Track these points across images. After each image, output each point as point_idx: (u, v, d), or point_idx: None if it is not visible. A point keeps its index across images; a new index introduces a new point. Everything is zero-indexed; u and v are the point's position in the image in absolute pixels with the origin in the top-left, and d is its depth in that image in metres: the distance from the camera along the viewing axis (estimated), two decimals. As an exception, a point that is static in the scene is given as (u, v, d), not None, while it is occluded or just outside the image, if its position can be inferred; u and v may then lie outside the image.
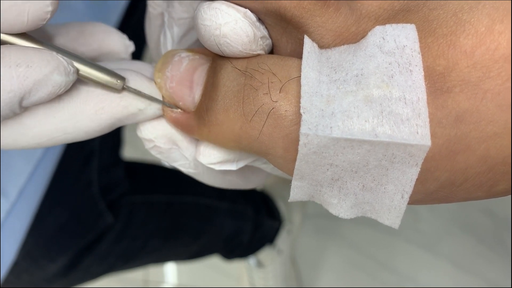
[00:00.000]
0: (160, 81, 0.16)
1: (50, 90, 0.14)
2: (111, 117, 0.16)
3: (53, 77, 0.14)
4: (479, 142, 0.12)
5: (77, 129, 0.16)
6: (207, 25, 0.14)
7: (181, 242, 0.58)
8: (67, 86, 0.14)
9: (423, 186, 0.14)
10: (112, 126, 0.16)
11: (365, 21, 0.14)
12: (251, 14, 0.14)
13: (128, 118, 0.16)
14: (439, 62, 0.12)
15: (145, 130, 0.17)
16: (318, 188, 0.14)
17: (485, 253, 0.81)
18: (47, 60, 0.14)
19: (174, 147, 0.18)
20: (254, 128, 0.14)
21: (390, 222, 0.14)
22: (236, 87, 0.15)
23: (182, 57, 0.16)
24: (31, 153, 0.40)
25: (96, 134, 0.16)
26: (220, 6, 0.14)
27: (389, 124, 0.12)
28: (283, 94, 0.14)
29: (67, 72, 0.14)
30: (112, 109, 0.16)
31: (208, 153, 0.16)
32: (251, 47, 0.15)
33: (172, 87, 0.16)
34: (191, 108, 0.16)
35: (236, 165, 0.17)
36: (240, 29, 0.14)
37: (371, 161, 0.13)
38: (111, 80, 0.15)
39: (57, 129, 0.15)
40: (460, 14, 0.12)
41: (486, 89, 0.12)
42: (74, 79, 0.15)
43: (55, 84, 0.14)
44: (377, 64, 0.13)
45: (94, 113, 0.16)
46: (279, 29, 0.15)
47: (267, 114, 0.14)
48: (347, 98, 0.13)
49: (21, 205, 0.40)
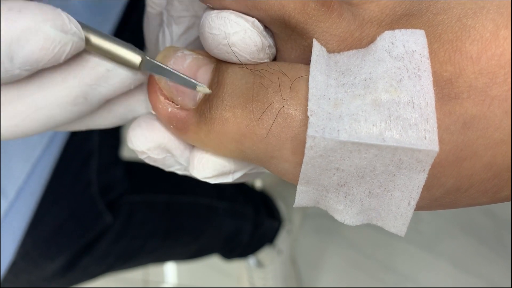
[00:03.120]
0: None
1: (42, 43, 0.13)
2: (80, 82, 0.15)
3: (45, 29, 0.13)
4: (486, 149, 0.12)
5: (48, 102, 0.15)
6: (215, 34, 0.14)
7: (180, 242, 0.58)
8: (65, 46, 0.13)
9: (429, 193, 0.13)
10: (85, 96, 0.15)
11: (368, 26, 0.14)
12: (258, 23, 0.14)
13: (99, 82, 0.15)
14: (446, 68, 0.12)
15: (136, 141, 0.16)
16: (324, 193, 0.14)
17: (486, 254, 0.81)
18: (43, 10, 0.13)
19: (168, 155, 0.17)
20: (262, 127, 0.14)
21: (396, 229, 0.14)
22: (244, 85, 0.15)
23: (185, 54, 0.16)
24: (29, 152, 0.40)
25: (71, 109, 0.15)
26: (229, 15, 0.14)
27: (397, 129, 0.12)
28: (293, 93, 0.14)
29: (65, 29, 0.13)
30: (78, 72, 0.15)
31: (202, 167, 0.16)
32: (258, 55, 0.15)
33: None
34: (191, 105, 0.15)
35: (232, 177, 0.17)
36: (249, 38, 0.14)
37: (378, 166, 0.13)
38: (130, 54, 0.14)
39: (29, 104, 0.14)
40: (465, 19, 0.12)
41: (493, 95, 0.12)
42: (77, 42, 0.13)
43: (47, 37, 0.13)
44: (386, 68, 0.13)
45: (61, 80, 0.15)
46: (284, 36, 0.15)
47: (276, 113, 0.14)
48: (355, 101, 0.13)
49: (19, 204, 0.40)
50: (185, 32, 0.18)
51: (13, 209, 0.39)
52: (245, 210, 0.65)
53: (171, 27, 0.18)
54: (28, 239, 0.42)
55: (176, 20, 0.18)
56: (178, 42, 0.18)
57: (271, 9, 0.14)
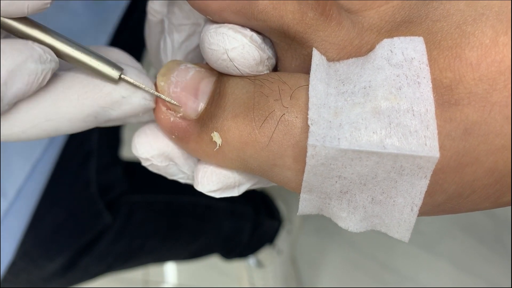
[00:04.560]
0: (163, 84, 0.16)
1: (27, 79, 0.14)
2: (93, 103, 0.15)
3: (27, 66, 0.13)
4: (487, 155, 0.12)
5: (59, 116, 0.15)
6: (214, 49, 0.14)
7: (180, 242, 0.58)
8: (46, 74, 0.14)
9: (431, 199, 0.13)
10: (96, 116, 0.16)
11: (368, 33, 0.14)
12: (256, 37, 0.15)
13: (112, 106, 0.16)
14: (446, 74, 0.12)
15: (141, 148, 0.17)
16: (327, 201, 0.14)
17: (485, 254, 0.81)
18: (19, 50, 0.13)
19: (171, 163, 0.17)
20: (264, 134, 0.14)
21: (400, 235, 0.14)
22: (245, 95, 0.15)
23: (188, 67, 0.16)
24: (29, 152, 0.40)
25: (80, 124, 0.16)
26: (227, 31, 0.14)
27: (397, 136, 0.12)
28: (294, 101, 0.14)
29: (43, 60, 0.14)
30: (94, 94, 0.15)
31: (206, 182, 0.16)
32: (257, 68, 0.15)
33: (176, 92, 0.15)
34: (193, 116, 0.15)
35: (238, 190, 0.17)
36: (248, 53, 0.14)
37: (380, 173, 0.13)
38: (108, 69, 0.15)
39: (39, 114, 0.15)
40: (464, 26, 0.12)
41: (493, 102, 0.12)
42: (54, 67, 0.14)
43: (30, 73, 0.14)
44: (385, 76, 0.13)
45: (76, 99, 0.15)
46: (284, 45, 0.15)
47: (277, 120, 0.14)
48: (355, 109, 0.13)
49: (19, 204, 0.40)
50: (186, 40, 0.18)
51: (13, 209, 0.39)
52: (245, 210, 0.65)
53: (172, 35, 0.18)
54: (27, 239, 0.42)
55: (177, 28, 0.18)
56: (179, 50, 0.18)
57: (270, 20, 0.14)
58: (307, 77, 0.14)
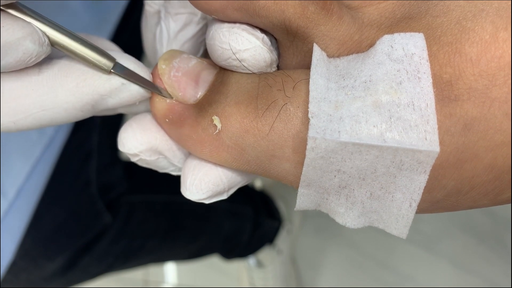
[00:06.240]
0: (165, 68, 0.16)
1: (20, 56, 0.13)
2: (93, 91, 0.15)
3: (25, 43, 0.13)
4: (486, 151, 0.12)
5: (56, 105, 0.15)
6: (225, 48, 0.15)
7: (180, 242, 0.58)
8: (38, 57, 0.14)
9: (430, 195, 0.13)
10: (94, 104, 0.15)
11: (368, 29, 0.14)
12: (267, 39, 0.15)
13: (111, 94, 0.15)
14: (445, 70, 0.12)
15: (127, 143, 0.16)
16: (325, 196, 0.14)
17: (485, 253, 0.81)
18: (21, 26, 0.13)
19: (161, 157, 0.17)
20: (265, 123, 0.14)
21: (398, 232, 0.14)
22: (250, 84, 0.15)
23: (190, 57, 0.16)
24: (29, 152, 0.40)
25: (76, 114, 0.15)
26: (241, 32, 0.14)
27: (398, 130, 0.12)
28: (296, 92, 0.14)
29: (41, 42, 0.14)
30: (94, 81, 0.15)
31: (195, 190, 0.16)
32: (266, 70, 0.15)
33: (176, 76, 0.15)
34: (191, 101, 0.15)
35: (227, 194, 0.17)
36: (259, 55, 0.15)
37: (379, 168, 0.13)
38: (101, 59, 0.15)
39: (34, 103, 0.15)
40: (464, 21, 0.12)
41: (493, 97, 0.12)
42: (48, 52, 0.14)
43: (26, 51, 0.13)
44: (386, 71, 0.13)
45: (75, 86, 0.15)
46: (287, 42, 0.15)
47: (279, 109, 0.14)
48: (355, 103, 0.13)
49: (19, 204, 0.40)
50: (182, 29, 0.18)
51: (13, 209, 0.39)
52: (244, 210, 0.65)
53: (169, 24, 0.18)
54: (27, 239, 0.42)
55: (174, 16, 0.18)
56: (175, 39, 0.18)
57: (272, 16, 0.14)
58: (308, 72, 0.14)
